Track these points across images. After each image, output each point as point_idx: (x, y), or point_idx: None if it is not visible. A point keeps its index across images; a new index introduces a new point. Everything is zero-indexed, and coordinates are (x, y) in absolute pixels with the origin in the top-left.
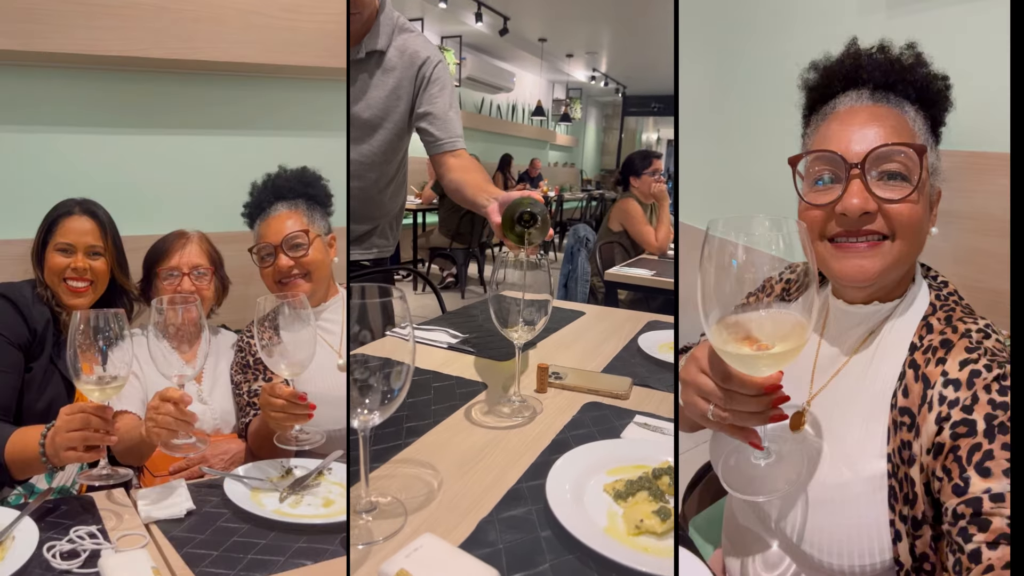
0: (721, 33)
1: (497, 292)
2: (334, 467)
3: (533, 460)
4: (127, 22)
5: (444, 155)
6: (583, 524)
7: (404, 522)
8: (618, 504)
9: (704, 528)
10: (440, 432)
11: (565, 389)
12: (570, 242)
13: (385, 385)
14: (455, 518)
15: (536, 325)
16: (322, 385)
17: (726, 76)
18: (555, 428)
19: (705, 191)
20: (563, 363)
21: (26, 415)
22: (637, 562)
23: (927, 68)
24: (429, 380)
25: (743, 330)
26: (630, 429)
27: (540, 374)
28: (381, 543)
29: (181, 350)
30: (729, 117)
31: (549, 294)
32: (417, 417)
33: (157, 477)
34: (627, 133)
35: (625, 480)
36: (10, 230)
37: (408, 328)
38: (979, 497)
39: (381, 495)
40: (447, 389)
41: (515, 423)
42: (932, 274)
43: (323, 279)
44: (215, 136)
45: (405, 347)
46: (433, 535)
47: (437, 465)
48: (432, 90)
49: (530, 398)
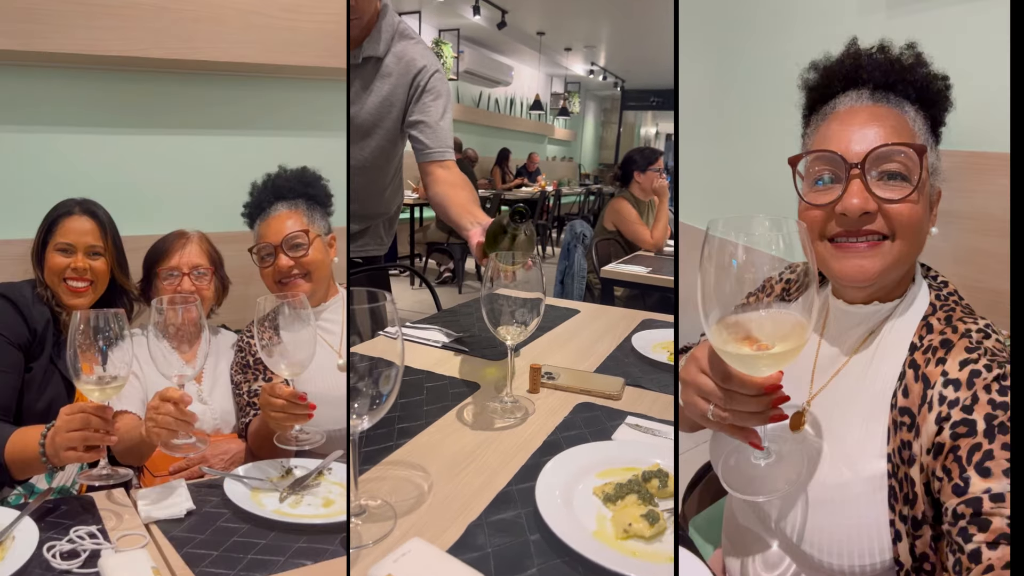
0: (721, 33)
1: (491, 291)
2: (334, 467)
3: (524, 462)
4: (127, 22)
5: (432, 164)
6: (572, 528)
7: (393, 525)
8: (607, 507)
9: (704, 528)
10: (432, 433)
11: (557, 389)
12: (567, 238)
13: (374, 390)
14: (444, 521)
15: (529, 326)
16: (322, 385)
17: (726, 76)
18: (547, 429)
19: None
20: (556, 362)
21: (26, 415)
22: (625, 567)
23: (927, 68)
24: (422, 380)
25: (743, 330)
26: (621, 430)
27: (533, 374)
28: (370, 547)
29: (181, 350)
30: (729, 117)
31: (542, 293)
32: (409, 418)
33: (157, 477)
34: (626, 127)
35: (615, 483)
36: (10, 230)
37: (397, 330)
38: (979, 497)
39: (371, 498)
40: (440, 389)
41: (507, 424)
42: (932, 274)
43: (323, 279)
44: (215, 136)
45: (395, 348)
46: (421, 540)
47: (428, 467)
48: (426, 99)
49: (522, 399)
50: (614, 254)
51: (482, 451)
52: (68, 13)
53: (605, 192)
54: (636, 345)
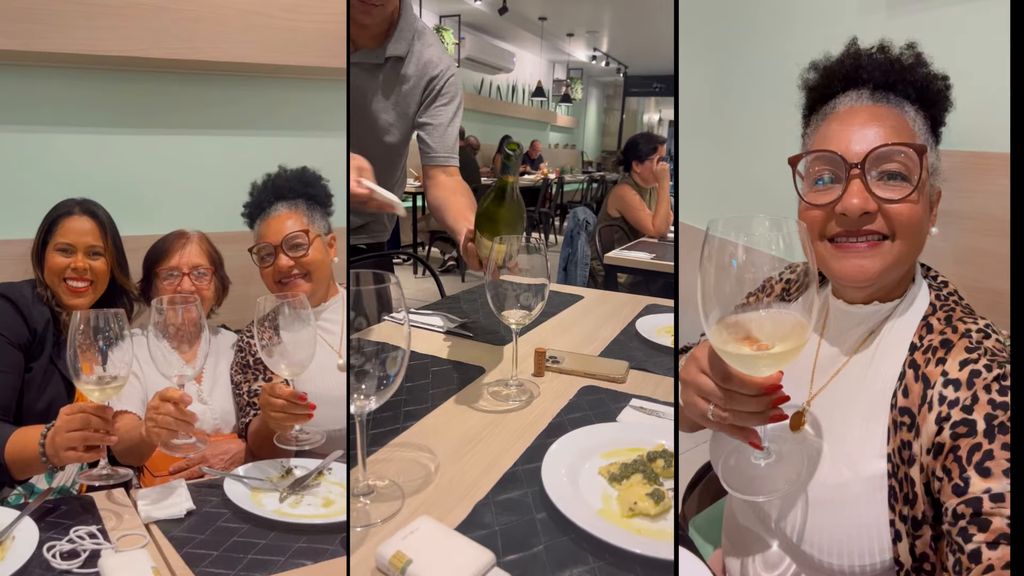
0: (721, 33)
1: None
2: (334, 467)
3: (529, 443)
4: (127, 22)
5: (435, 168)
6: (578, 506)
7: (401, 505)
8: (613, 487)
9: (704, 528)
10: (438, 416)
11: (562, 373)
12: (570, 225)
13: (381, 371)
14: (451, 501)
15: (533, 310)
16: (322, 385)
17: (726, 76)
18: (552, 412)
19: (705, 191)
20: (561, 347)
21: (26, 415)
22: (631, 543)
23: (927, 68)
24: (427, 364)
25: (743, 330)
26: (626, 412)
27: (537, 358)
28: (379, 525)
29: (181, 350)
30: (729, 117)
31: (546, 278)
32: (415, 401)
33: (157, 477)
34: (628, 114)
35: (620, 463)
36: (10, 230)
37: (403, 314)
38: (979, 497)
39: (379, 478)
40: (445, 373)
41: (512, 407)
42: (932, 274)
43: (323, 279)
44: (215, 136)
45: (401, 332)
46: (429, 518)
47: (434, 449)
48: (439, 102)
49: (527, 382)
50: (617, 241)
51: (488, 433)
52: (68, 13)
53: (608, 179)
54: (640, 329)
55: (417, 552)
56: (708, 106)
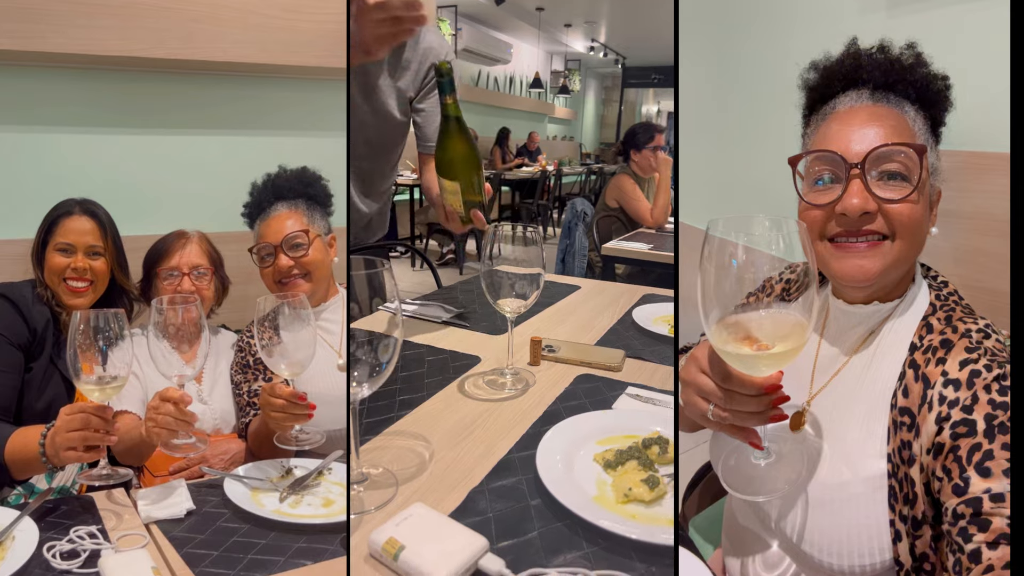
0: (721, 33)
1: (491, 267)
2: (334, 467)
3: (525, 431)
4: (127, 22)
5: (430, 156)
6: (572, 493)
7: (395, 492)
8: (607, 473)
9: (704, 528)
10: (433, 404)
11: (558, 362)
12: (568, 216)
13: (373, 358)
14: (446, 488)
15: (528, 299)
16: (322, 385)
17: (726, 76)
18: (547, 400)
19: (705, 191)
20: (557, 336)
21: (26, 415)
22: (625, 529)
23: (927, 68)
24: (423, 354)
25: (743, 330)
26: (622, 400)
27: (533, 347)
28: (372, 512)
29: (181, 350)
30: (729, 117)
31: (541, 267)
32: (410, 390)
33: (157, 477)
34: (627, 105)
35: (615, 450)
36: (10, 230)
37: (396, 301)
38: (979, 497)
39: (373, 466)
40: (440, 362)
41: (507, 395)
42: (932, 274)
43: (323, 279)
44: (215, 136)
45: (394, 320)
46: (423, 505)
47: (429, 437)
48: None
49: (523, 371)
50: (615, 232)
51: (483, 421)
52: (68, 13)
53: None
54: (637, 319)
55: (410, 538)
56: (708, 105)
